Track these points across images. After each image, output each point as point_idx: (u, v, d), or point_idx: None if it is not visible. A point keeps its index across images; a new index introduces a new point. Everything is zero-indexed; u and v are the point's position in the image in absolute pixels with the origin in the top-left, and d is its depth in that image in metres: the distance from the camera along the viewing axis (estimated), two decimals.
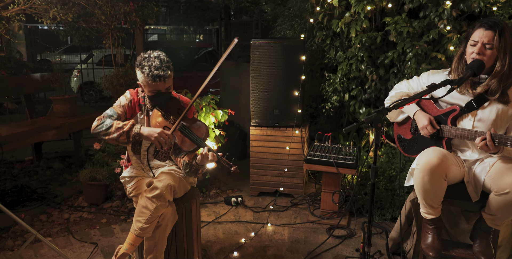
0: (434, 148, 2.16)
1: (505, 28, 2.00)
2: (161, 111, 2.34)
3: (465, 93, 2.16)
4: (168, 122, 2.32)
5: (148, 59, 2.20)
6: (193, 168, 2.32)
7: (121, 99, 2.39)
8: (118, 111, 2.33)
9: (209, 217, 3.41)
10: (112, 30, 4.71)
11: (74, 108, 4.69)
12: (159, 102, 2.32)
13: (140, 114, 2.44)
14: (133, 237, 2.24)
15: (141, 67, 2.20)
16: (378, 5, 3.13)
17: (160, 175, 2.29)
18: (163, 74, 2.18)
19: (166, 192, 2.20)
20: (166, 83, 2.25)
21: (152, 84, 2.20)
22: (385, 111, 1.86)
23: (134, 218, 2.24)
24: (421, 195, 2.13)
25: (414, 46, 3.01)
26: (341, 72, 3.51)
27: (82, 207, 3.60)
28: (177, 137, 2.31)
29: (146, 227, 2.20)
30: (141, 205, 2.21)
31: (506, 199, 1.93)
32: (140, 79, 2.25)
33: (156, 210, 2.19)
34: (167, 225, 2.28)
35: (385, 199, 3.33)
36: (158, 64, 2.18)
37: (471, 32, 2.10)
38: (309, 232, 3.17)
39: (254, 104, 3.69)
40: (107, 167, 3.73)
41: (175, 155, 2.45)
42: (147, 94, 2.31)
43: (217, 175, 4.32)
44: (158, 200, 2.18)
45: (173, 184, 2.24)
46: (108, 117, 2.27)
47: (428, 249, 2.20)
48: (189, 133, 2.27)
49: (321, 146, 3.42)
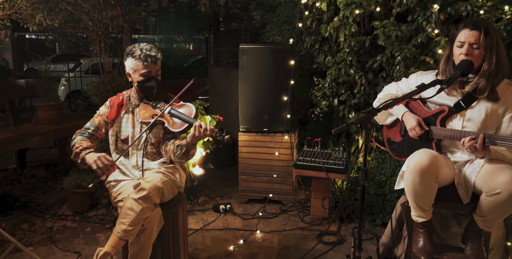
0: (424, 150, 2.13)
1: (490, 27, 2.00)
2: (149, 102, 2.40)
3: (453, 94, 2.14)
4: (157, 109, 2.37)
5: (138, 46, 2.32)
6: (184, 148, 2.26)
7: (100, 108, 2.51)
8: (95, 121, 2.45)
9: (197, 225, 3.34)
10: (100, 36, 4.66)
11: (60, 115, 4.59)
12: (150, 87, 2.36)
13: (124, 113, 2.46)
14: (116, 240, 2.15)
15: (131, 53, 2.31)
16: (366, 9, 3.14)
17: (148, 176, 2.23)
18: (154, 54, 2.29)
19: (154, 194, 2.14)
20: (157, 65, 2.34)
21: (144, 64, 2.28)
22: (374, 111, 1.83)
23: (118, 220, 2.16)
24: (412, 198, 2.09)
25: (402, 49, 3.01)
26: (330, 77, 3.50)
27: (66, 216, 3.50)
28: (168, 122, 2.31)
29: (130, 229, 2.12)
30: (126, 206, 2.14)
31: (497, 199, 1.90)
32: (131, 65, 2.32)
33: (142, 212, 2.11)
34: (152, 229, 2.21)
35: (375, 205, 3.28)
36: (148, 48, 2.31)
37: (456, 33, 2.09)
38: (299, 238, 3.11)
39: (243, 109, 3.65)
40: (93, 174, 3.64)
41: (164, 146, 2.41)
42: (138, 80, 2.34)
43: (205, 182, 4.26)
44: (144, 201, 2.11)
45: (161, 186, 2.18)
46: (84, 131, 2.42)
47: (420, 252, 2.16)
48: (179, 114, 2.30)
49: (310, 151, 3.38)
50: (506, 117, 2.05)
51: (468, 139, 1.98)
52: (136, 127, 2.43)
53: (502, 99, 2.05)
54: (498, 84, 2.05)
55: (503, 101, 2.05)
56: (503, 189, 1.87)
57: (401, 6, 3.04)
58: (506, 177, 1.88)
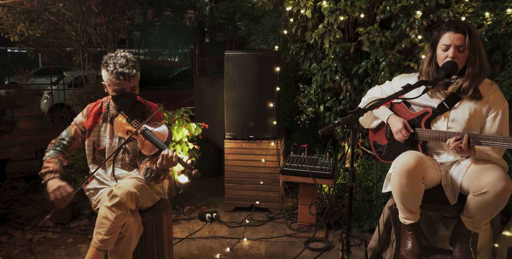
0: (411, 151, 2.13)
1: (472, 29, 2.03)
2: (125, 116, 2.30)
3: (437, 96, 2.16)
4: (131, 125, 2.27)
5: (114, 57, 2.18)
6: (154, 173, 2.20)
7: (77, 117, 2.42)
8: (71, 131, 2.38)
9: (182, 234, 3.26)
10: (83, 46, 4.62)
11: (42, 125, 4.50)
12: (124, 102, 2.27)
13: (102, 122, 2.38)
14: (94, 251, 2.08)
15: (106, 65, 2.17)
16: (351, 15, 3.17)
17: (120, 182, 2.18)
18: (127, 72, 2.15)
19: (127, 200, 2.07)
20: (131, 82, 2.21)
21: (116, 82, 2.16)
22: (361, 111, 1.83)
23: (94, 230, 2.09)
24: (399, 199, 2.08)
25: (387, 55, 3.04)
26: (315, 83, 3.51)
27: (47, 227, 3.39)
28: (140, 142, 2.24)
29: (107, 239, 2.04)
30: (101, 215, 2.07)
31: (484, 199, 1.90)
32: (105, 78, 2.21)
33: (117, 219, 2.04)
34: (131, 236, 2.14)
35: (363, 210, 3.27)
36: (124, 62, 2.15)
37: (439, 36, 2.11)
38: (287, 245, 3.06)
39: (229, 116, 3.63)
40: (75, 183, 3.55)
41: (139, 161, 2.35)
42: (111, 95, 2.26)
43: (191, 191, 4.19)
44: (118, 208, 2.05)
45: (134, 191, 2.11)
46: (58, 143, 2.35)
47: (408, 255, 2.14)
48: (151, 136, 2.21)
49: (297, 158, 3.36)
50: (490, 117, 2.08)
51: (453, 139, 1.98)
52: (114, 138, 2.36)
53: (484, 98, 2.07)
54: (480, 84, 2.08)
55: (485, 100, 2.07)
56: (490, 189, 1.87)
57: (385, 13, 3.08)
58: (492, 176, 1.89)
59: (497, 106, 2.06)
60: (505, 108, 2.08)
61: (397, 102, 2.38)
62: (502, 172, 1.90)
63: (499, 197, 1.87)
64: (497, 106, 2.06)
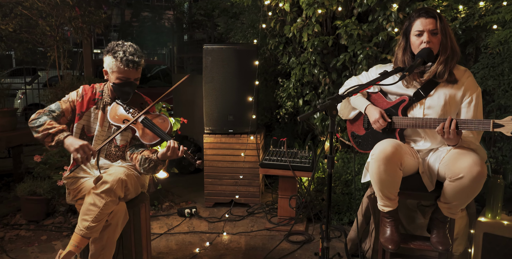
0: (388, 139, 2.14)
1: (440, 14, 2.09)
2: (123, 105, 2.25)
3: (413, 84, 2.18)
4: (129, 114, 2.23)
5: (122, 45, 2.16)
6: (152, 163, 2.15)
7: (71, 94, 2.29)
8: (63, 106, 2.23)
9: (161, 229, 3.21)
10: (58, 41, 4.50)
11: (14, 122, 4.36)
12: (125, 92, 2.23)
13: (95, 109, 2.30)
14: (78, 238, 2.00)
15: (113, 52, 2.14)
16: (328, 9, 3.19)
17: (111, 170, 2.12)
18: (137, 60, 2.15)
19: (117, 187, 2.02)
20: (137, 72, 2.20)
21: (125, 69, 2.14)
22: (339, 97, 1.83)
23: (79, 217, 2.02)
24: (378, 186, 2.09)
25: (364, 48, 3.06)
26: (294, 77, 3.51)
27: (20, 225, 3.28)
28: (139, 130, 2.19)
29: (93, 226, 1.98)
30: (88, 202, 2.01)
31: (460, 184, 1.92)
32: (111, 64, 2.16)
33: (106, 206, 1.99)
34: (117, 224, 2.08)
35: (342, 203, 3.28)
36: (133, 51, 2.16)
37: (411, 24, 2.13)
38: (267, 239, 3.05)
39: (208, 110, 3.59)
40: (49, 180, 3.46)
41: (130, 152, 2.29)
42: (114, 82, 2.20)
43: (169, 188, 4.13)
44: (108, 195, 1.99)
45: (125, 178, 2.06)
46: (48, 113, 2.17)
47: (387, 242, 2.15)
48: (152, 125, 2.18)
49: (276, 151, 3.35)
50: (464, 103, 2.11)
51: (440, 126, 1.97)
52: (104, 125, 2.29)
53: (459, 83, 2.11)
54: (454, 68, 2.12)
55: (460, 85, 2.11)
56: (466, 173, 1.90)
57: (362, 6, 3.11)
58: (468, 161, 1.91)
59: (471, 92, 2.10)
60: (478, 93, 2.12)
61: (374, 92, 2.39)
62: (477, 157, 1.92)
63: (474, 182, 1.89)
64: (471, 91, 2.10)
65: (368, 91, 2.42)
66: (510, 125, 1.84)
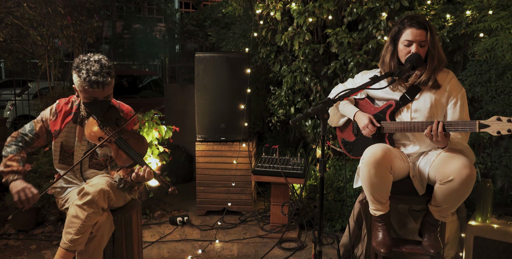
0: (378, 144, 2.17)
1: (431, 25, 2.12)
2: (98, 121, 2.15)
3: (399, 89, 2.22)
4: (103, 132, 2.13)
5: (87, 63, 2.00)
6: (128, 184, 2.12)
7: (45, 112, 2.24)
8: (36, 127, 2.22)
9: (153, 238, 3.18)
10: (49, 51, 4.49)
11: (4, 131, 4.35)
12: (95, 111, 2.14)
13: (72, 123, 2.24)
14: (63, 252, 1.97)
15: (78, 70, 2.01)
16: (319, 17, 3.24)
17: (93, 180, 2.09)
18: (102, 80, 1.99)
19: (99, 198, 1.98)
20: (105, 91, 2.06)
21: (89, 90, 2.01)
22: (330, 102, 1.86)
23: (63, 230, 1.99)
24: (369, 190, 2.10)
25: (354, 55, 3.11)
26: (286, 85, 3.54)
27: (8, 235, 3.23)
28: (113, 150, 2.14)
29: (76, 238, 1.95)
30: (71, 214, 1.98)
31: (450, 187, 1.95)
32: (76, 83, 2.05)
33: (88, 218, 1.96)
34: (102, 236, 2.05)
35: (334, 210, 3.29)
36: (98, 69, 1.99)
37: (401, 31, 2.15)
38: (259, 246, 3.03)
39: (200, 118, 3.60)
40: (39, 189, 3.41)
41: (111, 167, 2.27)
42: (83, 101, 2.13)
43: (161, 197, 4.11)
44: (89, 207, 1.96)
45: (107, 189, 2.03)
46: (21, 139, 2.20)
47: (379, 246, 2.15)
48: (126, 147, 2.10)
49: (268, 158, 3.36)
50: (450, 104, 2.16)
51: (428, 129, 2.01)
52: (83, 140, 2.24)
53: (443, 87, 2.16)
54: (438, 74, 2.17)
55: (444, 89, 2.16)
56: (456, 176, 1.92)
57: (352, 15, 3.17)
58: (457, 164, 1.94)
59: (455, 93, 2.15)
60: (463, 94, 2.17)
61: (361, 98, 2.43)
62: (466, 160, 1.96)
63: (464, 184, 1.92)
64: (455, 92, 2.15)
65: (355, 98, 2.46)
66: (495, 125, 1.88)
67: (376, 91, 2.28)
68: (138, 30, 16.65)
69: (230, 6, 3.85)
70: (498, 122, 1.86)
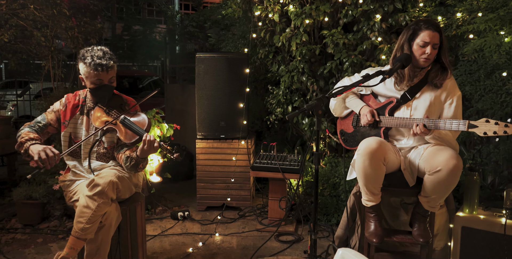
0: (373, 137, 2.30)
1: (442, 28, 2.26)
2: (103, 107, 2.34)
3: (403, 88, 2.35)
4: (110, 116, 2.32)
5: (91, 51, 2.23)
6: (133, 161, 2.25)
7: (55, 104, 2.42)
8: (48, 116, 2.38)
9: (155, 231, 3.29)
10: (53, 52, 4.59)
11: (8, 130, 4.44)
12: (102, 95, 2.31)
13: (79, 115, 2.40)
14: (74, 240, 2.09)
15: (83, 58, 2.22)
16: (316, 19, 3.37)
17: (102, 172, 2.21)
18: (105, 63, 2.20)
19: (109, 189, 2.11)
20: (109, 74, 2.25)
21: (94, 73, 2.20)
22: (324, 98, 1.97)
23: (74, 220, 2.11)
24: (363, 181, 2.22)
25: (350, 56, 3.23)
26: (283, 85, 3.66)
27: (15, 229, 3.34)
28: (119, 132, 2.28)
29: (87, 227, 2.07)
30: (82, 205, 2.10)
31: (438, 177, 2.07)
32: (82, 71, 2.25)
33: (99, 208, 2.08)
34: (110, 225, 2.17)
35: (330, 205, 3.40)
36: (101, 54, 2.21)
37: (417, 32, 2.25)
38: (258, 239, 3.15)
39: (200, 116, 3.72)
40: (45, 184, 3.53)
41: (117, 152, 2.39)
42: (89, 87, 2.30)
43: (163, 193, 4.22)
44: (100, 197, 2.09)
45: (116, 181, 2.15)
46: (34, 125, 2.34)
47: (372, 236, 2.27)
48: (131, 124, 2.27)
49: (267, 155, 3.48)
50: (446, 104, 2.30)
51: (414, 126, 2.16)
52: (91, 130, 2.38)
53: (443, 87, 2.30)
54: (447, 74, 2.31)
55: (443, 89, 2.30)
56: (443, 166, 2.05)
57: (347, 17, 3.29)
58: (445, 155, 2.07)
59: (452, 94, 2.30)
60: (459, 96, 2.32)
61: (366, 94, 2.56)
62: (453, 152, 2.09)
63: (451, 175, 2.05)
64: (453, 94, 2.30)
65: (362, 93, 2.58)
66: (483, 126, 2.01)
67: (380, 88, 2.42)
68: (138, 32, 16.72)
69: (229, 8, 3.97)
70: (486, 124, 1.99)
